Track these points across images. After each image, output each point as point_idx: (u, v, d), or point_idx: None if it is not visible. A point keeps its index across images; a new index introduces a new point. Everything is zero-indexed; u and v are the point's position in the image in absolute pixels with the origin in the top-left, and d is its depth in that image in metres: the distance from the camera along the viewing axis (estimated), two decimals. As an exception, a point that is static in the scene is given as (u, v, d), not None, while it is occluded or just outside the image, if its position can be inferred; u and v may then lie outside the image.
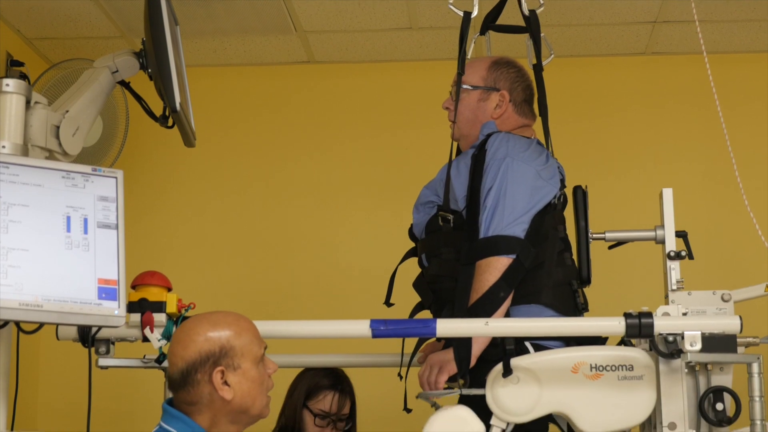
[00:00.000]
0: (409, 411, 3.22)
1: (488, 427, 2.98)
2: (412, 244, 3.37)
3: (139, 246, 4.46)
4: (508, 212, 3.07)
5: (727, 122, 3.22)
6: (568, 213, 3.31)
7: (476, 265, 3.06)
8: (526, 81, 3.38)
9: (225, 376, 2.65)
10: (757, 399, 2.91)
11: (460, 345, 3.01)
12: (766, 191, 4.58)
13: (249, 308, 2.86)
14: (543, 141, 3.35)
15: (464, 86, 3.32)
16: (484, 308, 3.00)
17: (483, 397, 3.00)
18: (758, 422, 2.91)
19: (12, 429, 2.71)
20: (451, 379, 3.02)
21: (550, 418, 3.14)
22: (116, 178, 2.59)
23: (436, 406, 3.12)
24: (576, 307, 3.19)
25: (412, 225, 3.36)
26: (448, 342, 3.08)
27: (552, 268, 3.16)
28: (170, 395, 2.82)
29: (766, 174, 4.68)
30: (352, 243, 4.82)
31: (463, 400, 3.08)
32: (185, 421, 2.67)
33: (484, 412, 2.98)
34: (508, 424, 2.99)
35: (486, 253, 3.05)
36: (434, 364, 3.07)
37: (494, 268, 3.03)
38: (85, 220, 2.50)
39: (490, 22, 3.54)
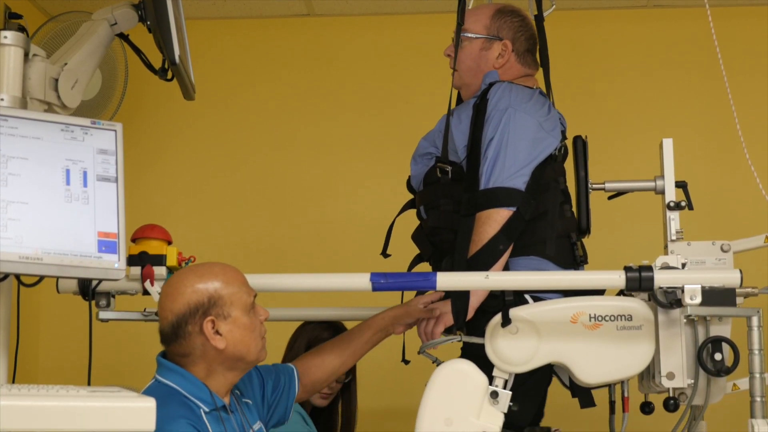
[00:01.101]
0: (407, 362, 3.23)
1: (491, 378, 3.00)
2: (411, 196, 3.37)
3: (138, 199, 4.47)
4: (509, 164, 3.07)
5: (728, 74, 3.21)
6: (568, 164, 3.31)
7: (476, 217, 3.06)
8: (530, 30, 3.36)
9: (216, 325, 2.67)
10: (757, 352, 2.92)
11: (458, 297, 3.01)
12: (766, 142, 4.57)
13: (249, 261, 2.87)
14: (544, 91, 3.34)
15: (467, 35, 3.30)
16: (484, 260, 3.00)
17: (483, 348, 3.02)
18: (757, 375, 2.92)
19: (13, 382, 2.72)
20: (447, 331, 3.03)
21: (552, 371, 3.15)
22: (115, 131, 2.57)
23: (437, 362, 3.13)
24: (575, 260, 3.20)
25: (410, 177, 3.35)
26: (447, 293, 3.09)
27: (552, 220, 3.16)
28: (160, 352, 2.83)
29: (766, 125, 4.67)
30: (352, 195, 4.82)
31: (464, 355, 3.10)
32: (181, 373, 2.69)
33: (485, 365, 3.00)
34: (510, 375, 3.01)
35: (486, 204, 3.05)
36: (432, 314, 3.08)
37: (494, 220, 3.03)
38: (85, 173, 2.49)
39: None
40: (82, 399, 2.11)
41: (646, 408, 3.18)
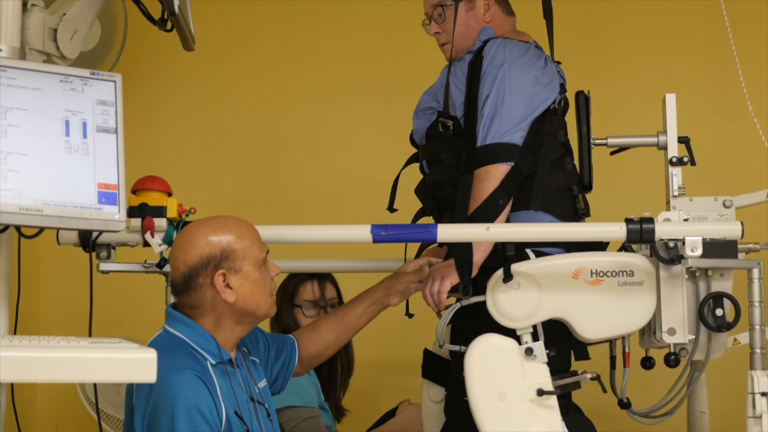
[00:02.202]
0: (411, 316, 3.23)
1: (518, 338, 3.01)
2: (415, 150, 3.36)
3: (138, 151, 4.44)
4: (506, 120, 3.05)
5: (733, 31, 3.19)
6: (571, 118, 3.29)
7: (475, 173, 3.05)
8: None
9: (227, 279, 2.69)
10: (757, 304, 2.93)
11: (461, 253, 3.00)
12: (770, 97, 4.55)
13: (249, 214, 2.86)
14: (547, 45, 3.31)
15: (447, 4, 3.27)
16: (484, 216, 2.99)
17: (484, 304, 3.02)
18: (757, 327, 2.93)
19: (15, 333, 2.73)
20: (454, 289, 3.02)
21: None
22: (115, 82, 2.56)
23: (439, 314, 3.14)
24: (576, 213, 3.19)
25: (412, 131, 3.34)
26: (449, 253, 3.08)
27: (552, 174, 3.14)
28: (172, 300, 2.85)
29: (770, 80, 4.65)
30: (353, 149, 4.80)
31: (461, 318, 3.10)
32: (190, 324, 2.71)
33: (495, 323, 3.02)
34: (534, 327, 3.01)
35: (484, 161, 3.04)
36: (436, 275, 3.06)
37: (493, 176, 3.02)
38: (84, 125, 2.48)
39: None
40: (84, 350, 2.11)
41: (647, 363, 3.19)
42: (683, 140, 3.18)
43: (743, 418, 2.88)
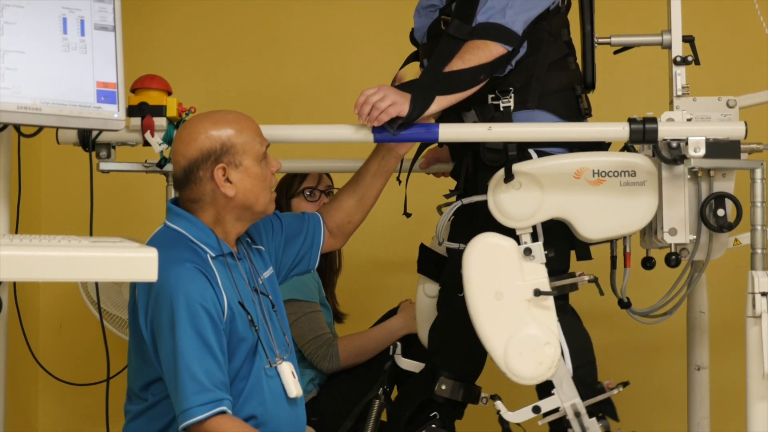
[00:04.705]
0: (408, 215, 3.23)
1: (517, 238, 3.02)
2: (415, 49, 3.32)
3: (137, 50, 4.40)
4: (510, 11, 3.01)
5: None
6: (574, 17, 3.25)
7: (469, 42, 2.98)
8: None
9: (227, 173, 2.70)
10: (759, 205, 2.93)
11: (421, 94, 2.93)
12: (776, -3, 4.49)
13: (248, 113, 2.84)
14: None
15: None
16: (460, 81, 2.95)
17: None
18: (759, 227, 2.93)
19: (16, 233, 2.73)
20: (391, 122, 2.91)
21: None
22: (112, -21, 2.53)
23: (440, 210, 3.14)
24: (579, 113, 3.16)
25: (413, 29, 3.31)
26: (408, 88, 2.97)
27: (554, 73, 3.12)
28: (171, 198, 2.85)
29: (777, -21, 4.59)
30: (354, 47, 4.75)
31: (464, 208, 3.10)
32: (189, 218, 2.73)
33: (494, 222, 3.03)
34: (534, 228, 3.01)
35: (484, 35, 2.98)
36: (389, 94, 2.91)
37: (489, 50, 2.95)
38: (82, 22, 2.46)
39: None
40: (84, 249, 2.11)
41: (648, 263, 3.20)
42: (687, 39, 3.15)
43: (743, 318, 2.89)
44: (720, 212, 2.94)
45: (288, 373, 2.76)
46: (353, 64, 4.71)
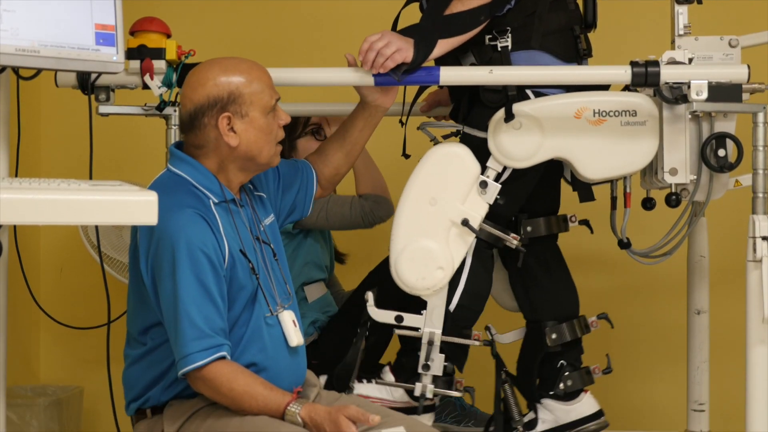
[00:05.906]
0: (407, 157, 3.23)
1: (483, 169, 3.03)
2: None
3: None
4: None
5: None
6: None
7: None
8: None
9: (231, 122, 2.68)
10: (761, 148, 2.92)
11: (423, 40, 2.93)
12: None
13: (247, 56, 2.82)
14: None
15: None
16: (463, 22, 2.95)
17: (483, 141, 3.01)
18: (760, 171, 2.92)
19: (16, 176, 2.73)
20: (396, 69, 2.92)
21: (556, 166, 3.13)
22: None
23: (435, 141, 3.17)
24: (578, 53, 3.14)
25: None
26: (410, 33, 2.97)
27: (553, 13, 3.09)
28: (174, 142, 2.84)
29: None
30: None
31: (464, 139, 3.10)
32: (192, 163, 2.71)
33: (480, 158, 3.03)
34: (504, 168, 3.03)
35: None
36: (393, 41, 2.92)
37: None
38: (80, -36, 2.44)
39: None
40: (84, 192, 2.11)
41: (648, 204, 3.21)
42: (689, -22, 3.12)
43: (743, 262, 2.90)
44: (721, 152, 2.94)
45: (289, 322, 2.77)
46: (355, 6, 4.67)
